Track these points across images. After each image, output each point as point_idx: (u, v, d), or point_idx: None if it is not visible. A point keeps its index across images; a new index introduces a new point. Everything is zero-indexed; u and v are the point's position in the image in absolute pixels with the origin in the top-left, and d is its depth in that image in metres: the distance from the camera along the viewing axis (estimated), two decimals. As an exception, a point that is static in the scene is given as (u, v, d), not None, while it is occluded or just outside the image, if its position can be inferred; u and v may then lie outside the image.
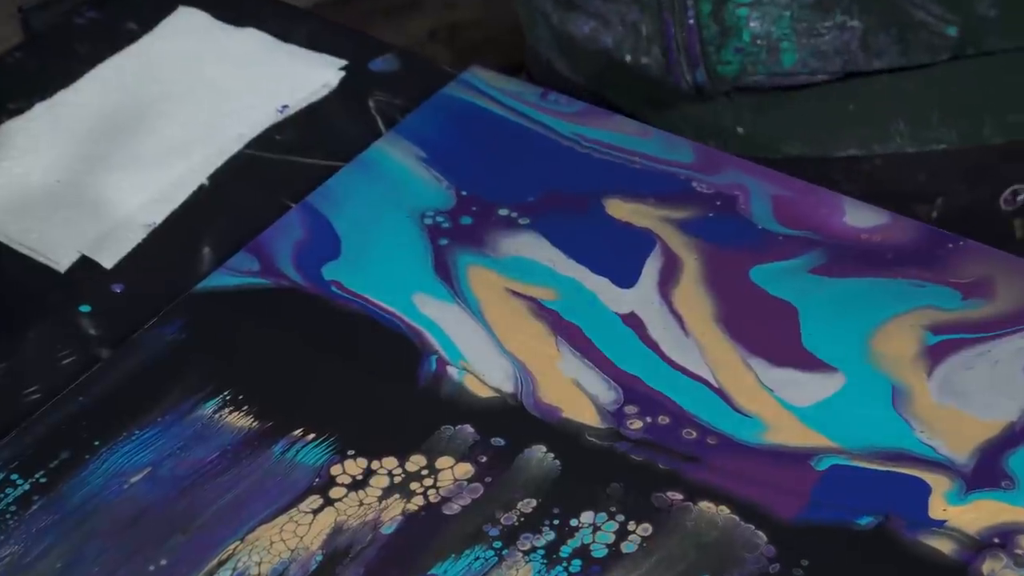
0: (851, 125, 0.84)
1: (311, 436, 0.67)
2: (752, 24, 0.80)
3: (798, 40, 0.80)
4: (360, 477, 0.65)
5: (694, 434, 0.66)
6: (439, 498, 0.64)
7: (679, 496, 0.63)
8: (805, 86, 0.83)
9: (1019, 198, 0.84)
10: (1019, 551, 0.61)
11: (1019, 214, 0.85)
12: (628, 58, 0.84)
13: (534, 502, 0.64)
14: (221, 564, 0.63)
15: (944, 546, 0.61)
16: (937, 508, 0.62)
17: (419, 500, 0.64)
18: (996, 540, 0.61)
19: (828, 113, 0.84)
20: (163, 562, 0.63)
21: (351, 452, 0.66)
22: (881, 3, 0.79)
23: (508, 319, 0.71)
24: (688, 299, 0.71)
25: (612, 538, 0.62)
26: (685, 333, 0.70)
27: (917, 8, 0.78)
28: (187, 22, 0.89)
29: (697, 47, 0.81)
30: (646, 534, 0.62)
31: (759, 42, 0.81)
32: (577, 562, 0.62)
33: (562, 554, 0.62)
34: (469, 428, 0.67)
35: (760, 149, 0.83)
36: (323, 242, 0.75)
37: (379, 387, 0.69)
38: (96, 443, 0.67)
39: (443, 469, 0.65)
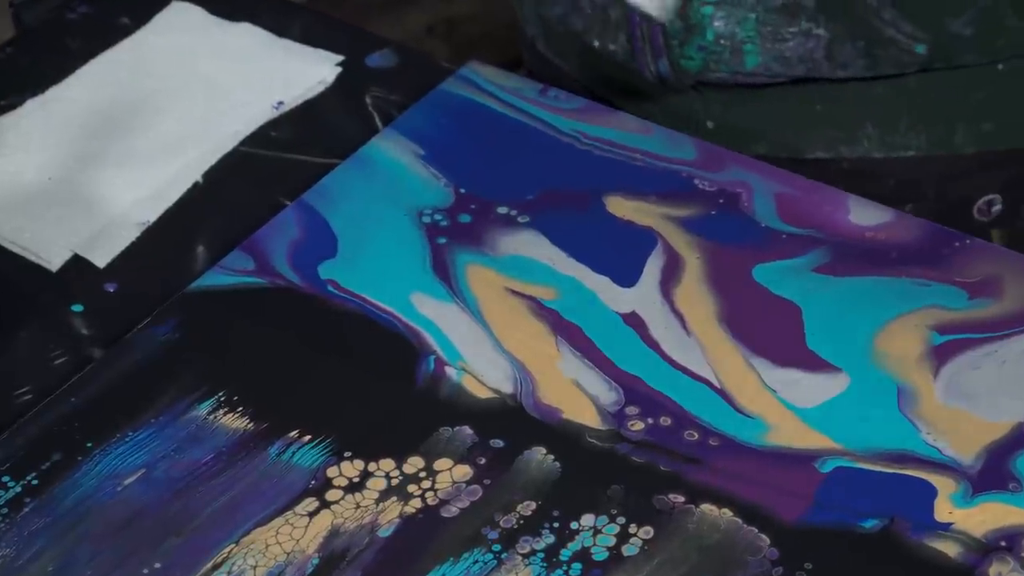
0: (818, 126, 0.83)
1: (307, 438, 0.66)
2: (716, 23, 0.80)
3: (762, 43, 0.80)
4: (357, 479, 0.65)
5: (696, 435, 0.65)
6: (437, 500, 0.64)
7: (681, 498, 0.63)
8: (772, 84, 0.82)
9: (994, 208, 0.84)
10: (1027, 555, 0.60)
11: (996, 224, 0.85)
12: (596, 43, 0.84)
13: (534, 504, 0.63)
14: (216, 567, 0.62)
15: (950, 549, 0.60)
16: (943, 510, 0.62)
17: (417, 502, 0.64)
18: (1003, 543, 0.60)
19: (795, 113, 0.84)
20: (157, 565, 0.63)
21: (348, 454, 0.66)
22: (849, 16, 0.79)
23: (507, 319, 0.70)
24: (690, 298, 0.70)
25: (613, 541, 0.62)
26: (687, 333, 0.69)
27: (887, 25, 0.78)
28: (181, 17, 0.88)
29: (660, 39, 0.81)
30: (647, 537, 0.62)
31: (723, 42, 0.81)
32: (577, 565, 0.61)
33: (562, 557, 0.61)
34: (468, 429, 0.66)
35: (730, 145, 0.83)
36: (319, 241, 0.75)
37: (376, 388, 0.68)
38: (89, 444, 0.67)
39: (441, 471, 0.65)
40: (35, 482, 0.66)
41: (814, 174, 0.81)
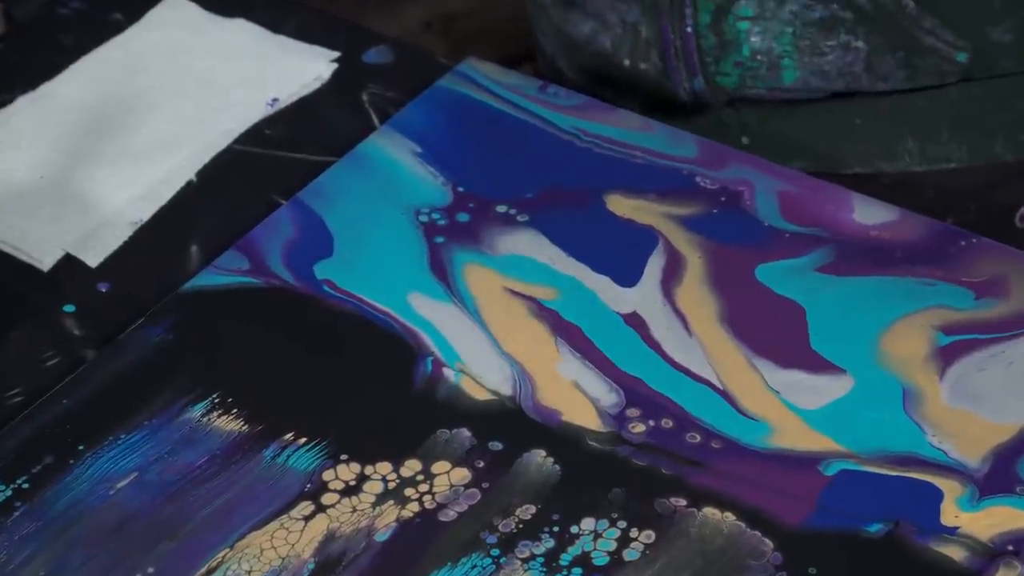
0: (857, 141, 0.83)
1: (303, 440, 0.66)
2: (753, 39, 0.80)
3: (800, 58, 0.80)
4: (353, 482, 0.64)
5: (698, 438, 0.65)
6: (435, 504, 0.63)
7: (683, 502, 0.62)
8: (809, 100, 0.82)
9: None
10: (1035, 559, 0.60)
11: None
12: (626, 62, 0.84)
13: (533, 508, 0.63)
14: (210, 572, 0.62)
15: (956, 554, 0.60)
16: (949, 514, 0.61)
17: (414, 506, 0.63)
18: (1010, 547, 0.60)
19: (833, 127, 0.83)
20: (150, 570, 0.62)
21: (344, 457, 0.65)
22: (888, 27, 0.78)
23: (506, 319, 0.70)
24: (692, 298, 0.70)
25: (614, 545, 0.61)
26: (689, 333, 0.69)
27: (926, 34, 0.78)
28: (175, 13, 0.88)
29: (695, 56, 0.81)
30: (649, 541, 0.61)
31: (759, 57, 0.80)
32: (578, 570, 0.61)
33: (562, 562, 0.61)
34: (466, 432, 0.66)
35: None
36: (315, 240, 0.74)
37: (373, 389, 0.68)
38: (81, 447, 0.66)
39: (439, 474, 0.64)
40: (26, 485, 0.65)
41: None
